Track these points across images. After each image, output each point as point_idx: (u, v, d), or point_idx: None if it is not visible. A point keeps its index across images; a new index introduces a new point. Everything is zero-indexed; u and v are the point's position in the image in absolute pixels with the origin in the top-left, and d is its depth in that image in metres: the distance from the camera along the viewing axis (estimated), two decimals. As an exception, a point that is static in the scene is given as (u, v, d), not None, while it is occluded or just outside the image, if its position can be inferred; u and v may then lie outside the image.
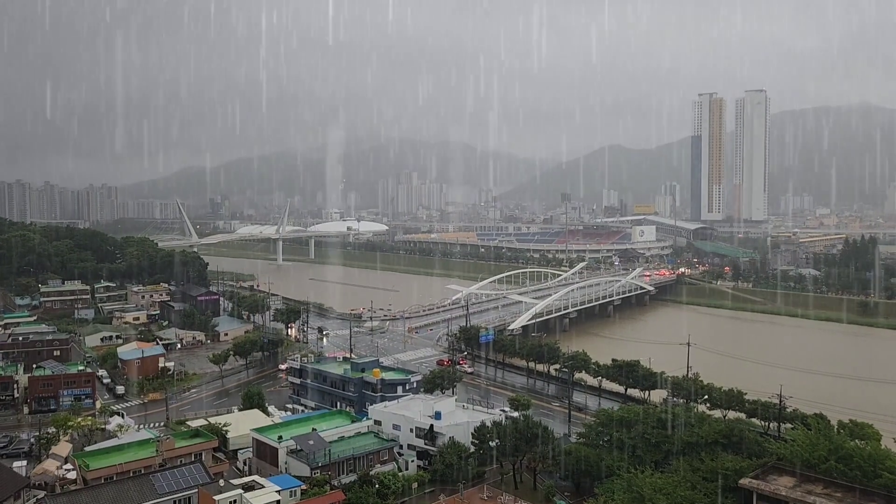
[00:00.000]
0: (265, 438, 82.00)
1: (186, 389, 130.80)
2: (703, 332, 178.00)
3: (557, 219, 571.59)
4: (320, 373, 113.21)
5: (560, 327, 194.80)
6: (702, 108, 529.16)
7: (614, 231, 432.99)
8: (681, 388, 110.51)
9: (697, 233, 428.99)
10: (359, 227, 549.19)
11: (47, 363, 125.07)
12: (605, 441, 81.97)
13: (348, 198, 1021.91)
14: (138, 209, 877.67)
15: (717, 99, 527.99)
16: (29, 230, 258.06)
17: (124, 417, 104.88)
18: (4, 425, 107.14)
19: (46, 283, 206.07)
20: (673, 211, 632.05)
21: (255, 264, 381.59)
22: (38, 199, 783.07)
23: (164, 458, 75.94)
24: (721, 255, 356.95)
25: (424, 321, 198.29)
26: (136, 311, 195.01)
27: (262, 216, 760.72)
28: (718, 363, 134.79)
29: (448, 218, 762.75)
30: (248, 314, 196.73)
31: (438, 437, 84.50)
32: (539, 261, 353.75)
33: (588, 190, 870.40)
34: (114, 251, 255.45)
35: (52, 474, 77.46)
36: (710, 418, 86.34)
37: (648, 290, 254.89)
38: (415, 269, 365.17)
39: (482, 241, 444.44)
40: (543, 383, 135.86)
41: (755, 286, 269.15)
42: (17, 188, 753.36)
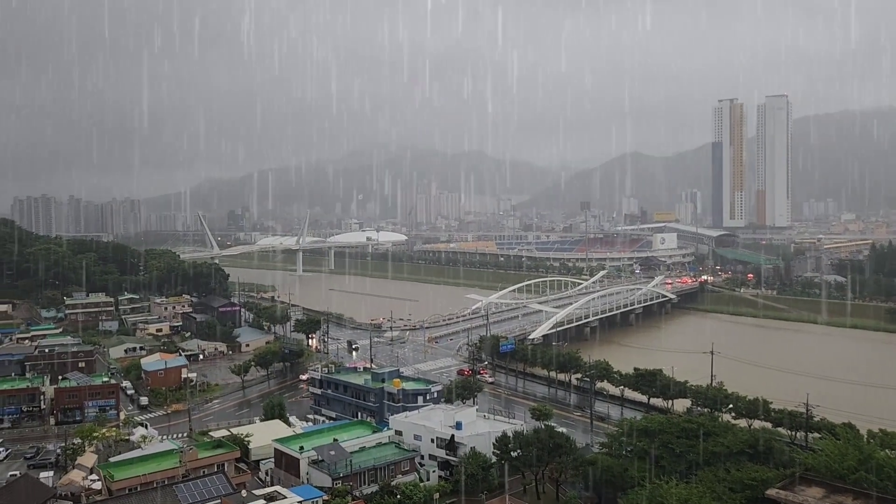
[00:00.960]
0: (287, 449, 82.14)
1: (209, 400, 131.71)
2: (727, 340, 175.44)
3: (577, 227, 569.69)
4: (341, 383, 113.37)
5: (581, 336, 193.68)
6: (722, 114, 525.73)
7: (635, 239, 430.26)
8: (705, 397, 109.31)
9: (720, 240, 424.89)
10: (378, 237, 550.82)
11: (73, 375, 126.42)
12: (628, 451, 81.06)
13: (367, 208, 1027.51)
14: (161, 222, 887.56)
15: (737, 105, 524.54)
16: (55, 244, 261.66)
17: (148, 428, 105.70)
18: (31, 436, 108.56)
19: (71, 296, 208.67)
20: (694, 218, 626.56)
21: (275, 275, 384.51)
22: (63, 213, 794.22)
23: (187, 468, 76.31)
24: (744, 263, 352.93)
25: (444, 331, 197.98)
26: (158, 323, 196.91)
27: (283, 227, 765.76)
28: (743, 372, 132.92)
29: (467, 227, 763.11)
30: (269, 325, 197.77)
31: (460, 448, 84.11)
32: (559, 269, 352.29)
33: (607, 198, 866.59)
34: (137, 263, 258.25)
35: (78, 485, 78.17)
36: (735, 428, 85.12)
37: (670, 299, 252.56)
38: (434, 279, 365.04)
39: (501, 251, 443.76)
40: (565, 393, 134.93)
41: (779, 293, 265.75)
42: (42, 203, 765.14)
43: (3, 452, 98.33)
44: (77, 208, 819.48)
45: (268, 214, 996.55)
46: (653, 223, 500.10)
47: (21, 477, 78.24)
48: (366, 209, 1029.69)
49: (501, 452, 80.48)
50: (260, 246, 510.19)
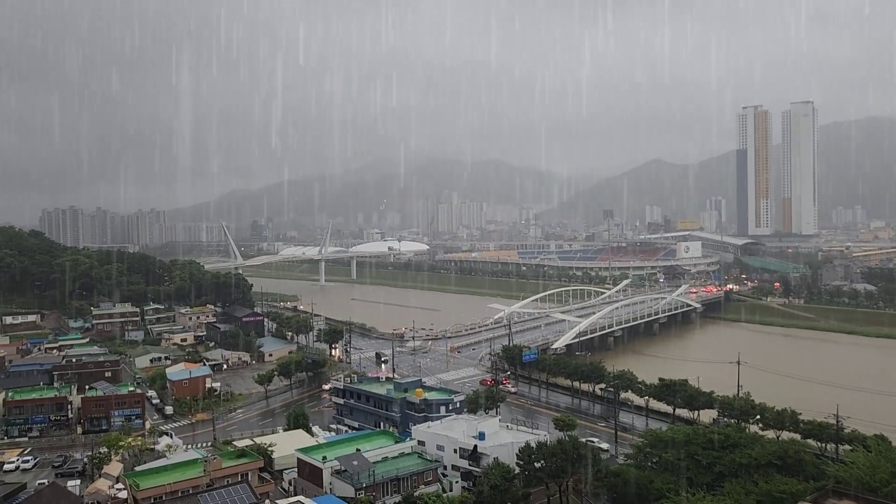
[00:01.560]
0: (310, 459, 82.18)
1: (232, 410, 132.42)
2: (754, 350, 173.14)
3: (600, 236, 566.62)
4: (363, 393, 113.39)
5: (604, 346, 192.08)
6: (746, 121, 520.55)
7: (658, 247, 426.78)
8: (731, 408, 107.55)
9: (745, 248, 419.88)
10: (400, 247, 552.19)
11: (99, 384, 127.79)
12: (653, 462, 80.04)
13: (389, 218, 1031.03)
14: (185, 232, 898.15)
15: (762, 112, 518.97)
16: (82, 254, 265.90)
17: (173, 437, 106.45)
18: (59, 445, 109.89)
19: (98, 306, 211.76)
20: (719, 226, 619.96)
21: (298, 285, 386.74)
22: (90, 224, 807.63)
23: (211, 478, 76.59)
24: (770, 271, 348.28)
25: (467, 340, 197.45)
26: (183, 333, 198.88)
27: (305, 237, 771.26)
28: (770, 382, 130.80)
29: (489, 237, 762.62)
30: (292, 335, 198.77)
31: (482, 458, 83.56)
32: (582, 279, 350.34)
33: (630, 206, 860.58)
34: (162, 274, 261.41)
35: (104, 494, 78.86)
36: (762, 439, 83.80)
37: (695, 308, 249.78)
38: (456, 289, 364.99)
39: (524, 260, 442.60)
40: (589, 403, 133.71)
41: (807, 302, 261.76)
42: (70, 214, 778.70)
43: (32, 461, 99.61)
44: (104, 220, 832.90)
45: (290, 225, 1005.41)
46: (677, 231, 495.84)
47: (49, 485, 79.06)
48: (387, 219, 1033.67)
49: (525, 463, 79.81)
50: (283, 256, 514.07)
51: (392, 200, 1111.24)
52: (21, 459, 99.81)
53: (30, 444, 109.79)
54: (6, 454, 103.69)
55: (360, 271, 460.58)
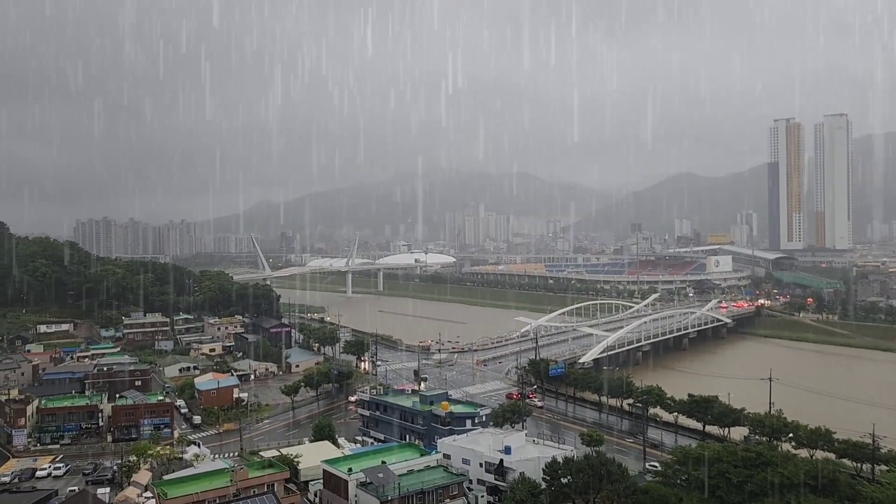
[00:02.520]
0: (335, 470, 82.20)
1: (259, 420, 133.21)
2: (786, 366, 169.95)
3: (628, 249, 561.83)
4: (389, 405, 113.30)
5: (632, 361, 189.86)
6: (778, 134, 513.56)
7: (688, 261, 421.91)
8: (763, 426, 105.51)
9: (777, 263, 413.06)
10: (426, 259, 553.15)
11: (129, 393, 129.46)
12: (683, 480, 78.65)
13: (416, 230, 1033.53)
14: (215, 244, 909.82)
15: (794, 124, 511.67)
16: (114, 265, 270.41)
17: (200, 447, 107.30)
18: (90, 452, 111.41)
19: (129, 316, 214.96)
20: (750, 240, 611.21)
21: (325, 296, 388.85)
22: (122, 235, 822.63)
23: (237, 487, 77.00)
24: (803, 286, 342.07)
25: (493, 354, 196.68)
26: (212, 343, 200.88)
27: (333, 249, 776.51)
28: (803, 399, 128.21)
29: (516, 249, 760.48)
30: (319, 346, 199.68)
31: (509, 473, 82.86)
32: (610, 292, 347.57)
33: (659, 219, 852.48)
34: (192, 284, 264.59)
35: (133, 501, 79.73)
36: (795, 458, 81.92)
37: (726, 323, 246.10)
38: (482, 301, 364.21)
39: (551, 273, 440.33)
40: (616, 418, 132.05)
41: (841, 319, 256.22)
42: (103, 225, 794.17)
43: (64, 468, 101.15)
44: (135, 231, 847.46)
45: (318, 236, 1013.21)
46: (707, 245, 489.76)
47: (80, 492, 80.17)
48: (414, 231, 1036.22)
49: (551, 479, 78.91)
50: (310, 267, 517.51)
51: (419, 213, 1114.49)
52: (53, 466, 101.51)
53: (61, 451, 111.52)
54: (39, 461, 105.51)
55: (387, 283, 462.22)
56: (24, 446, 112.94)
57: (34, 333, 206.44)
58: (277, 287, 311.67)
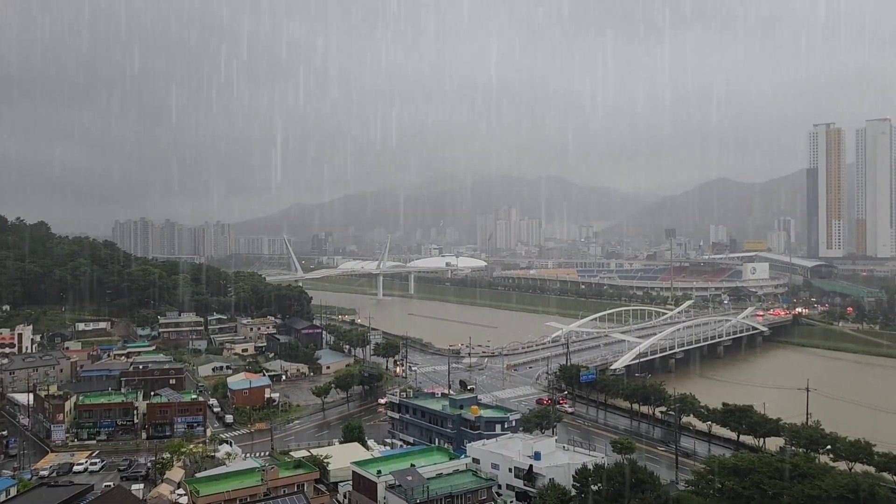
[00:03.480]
0: (364, 472, 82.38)
1: (290, 420, 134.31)
2: (824, 376, 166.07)
3: (661, 255, 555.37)
4: (419, 408, 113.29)
5: (665, 368, 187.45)
6: (818, 139, 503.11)
7: (723, 268, 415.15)
8: (800, 437, 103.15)
9: (815, 270, 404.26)
10: (457, 262, 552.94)
11: (164, 391, 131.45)
12: (716, 490, 77.23)
13: (447, 234, 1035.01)
14: (248, 245, 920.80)
15: (834, 129, 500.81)
16: (151, 265, 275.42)
17: (232, 446, 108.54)
18: (125, 449, 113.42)
19: (164, 315, 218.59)
20: (787, 247, 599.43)
21: (356, 299, 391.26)
22: (159, 235, 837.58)
23: (268, 487, 77.59)
24: (843, 295, 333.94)
25: (523, 359, 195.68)
26: (244, 343, 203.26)
27: (364, 252, 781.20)
28: (842, 411, 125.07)
29: (547, 254, 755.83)
30: (349, 348, 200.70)
31: (538, 479, 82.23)
32: (642, 298, 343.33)
33: (694, 225, 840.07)
34: (225, 285, 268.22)
35: (165, 499, 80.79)
36: (834, 471, 79.89)
37: (762, 331, 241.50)
38: (513, 306, 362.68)
39: (582, 278, 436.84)
40: (648, 426, 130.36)
41: (882, 328, 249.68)
42: (140, 225, 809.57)
43: (100, 463, 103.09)
44: (171, 231, 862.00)
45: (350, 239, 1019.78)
46: (742, 252, 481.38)
47: (115, 488, 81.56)
48: (445, 234, 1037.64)
49: (581, 486, 78.11)
50: (342, 270, 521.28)
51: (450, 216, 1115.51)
52: (89, 461, 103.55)
53: (98, 446, 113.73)
54: (76, 456, 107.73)
55: (418, 286, 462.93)
56: (62, 441, 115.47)
57: (73, 331, 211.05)
58: (309, 289, 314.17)
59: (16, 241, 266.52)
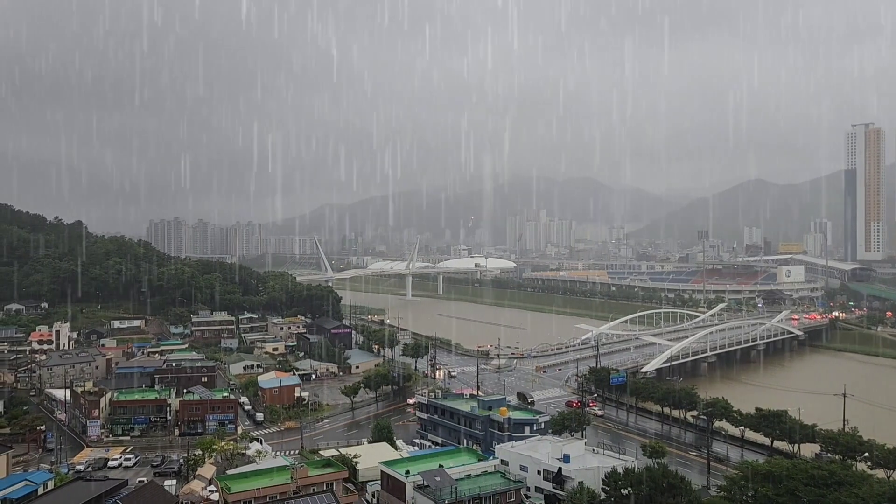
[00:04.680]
0: (393, 472, 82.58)
1: (319, 419, 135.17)
2: (861, 382, 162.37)
3: (694, 257, 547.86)
4: (447, 409, 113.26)
5: (697, 372, 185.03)
6: (856, 139, 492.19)
7: (757, 271, 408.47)
8: (836, 443, 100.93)
9: (853, 274, 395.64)
10: (486, 263, 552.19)
11: (196, 388, 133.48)
12: (749, 496, 75.87)
13: (476, 235, 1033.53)
14: (279, 245, 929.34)
15: (873, 129, 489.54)
16: (184, 264, 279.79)
17: (262, 444, 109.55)
18: (158, 445, 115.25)
19: (197, 314, 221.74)
20: (824, 250, 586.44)
21: (385, 299, 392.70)
22: (191, 235, 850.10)
23: (297, 485, 78.16)
24: (881, 299, 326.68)
25: (553, 360, 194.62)
26: (275, 342, 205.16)
27: (394, 252, 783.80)
28: (880, 417, 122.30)
29: (577, 255, 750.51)
30: (378, 348, 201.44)
31: (567, 481, 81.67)
32: (674, 301, 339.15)
33: (727, 227, 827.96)
34: (257, 285, 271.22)
35: (197, 494, 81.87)
36: (871, 478, 77.93)
37: (797, 335, 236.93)
38: (542, 307, 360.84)
39: (613, 280, 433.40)
40: (679, 430, 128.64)
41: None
42: (174, 225, 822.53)
43: (133, 459, 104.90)
44: (204, 231, 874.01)
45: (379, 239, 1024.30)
46: (777, 254, 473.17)
47: (148, 483, 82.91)
48: (475, 235, 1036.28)
49: (611, 489, 77.36)
50: (371, 270, 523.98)
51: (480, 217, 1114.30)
52: (124, 457, 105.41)
53: (132, 442, 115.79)
54: (111, 451, 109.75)
55: (447, 287, 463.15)
56: (97, 436, 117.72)
57: (108, 329, 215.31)
58: (339, 289, 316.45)
59: (54, 240, 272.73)
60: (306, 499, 71.63)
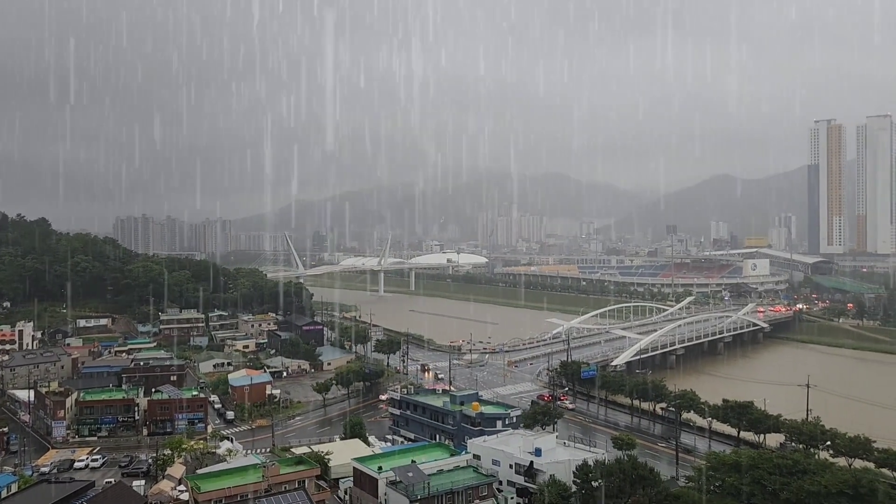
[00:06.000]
0: (365, 468, 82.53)
1: (291, 417, 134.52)
2: (824, 373, 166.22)
3: (662, 252, 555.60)
4: (420, 404, 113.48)
5: (666, 364, 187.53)
6: (818, 135, 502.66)
7: (724, 264, 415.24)
8: (800, 433, 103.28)
9: (816, 267, 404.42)
10: (458, 259, 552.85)
11: (165, 388, 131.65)
12: (716, 486, 77.34)
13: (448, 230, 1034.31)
14: (250, 242, 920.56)
15: (835, 125, 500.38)
16: (152, 261, 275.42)
17: (233, 442, 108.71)
18: (126, 445, 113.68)
19: (166, 312, 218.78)
20: (788, 244, 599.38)
21: (357, 295, 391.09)
22: (160, 232, 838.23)
23: (269, 483, 77.75)
24: (843, 291, 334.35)
25: (524, 355, 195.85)
26: (245, 340, 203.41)
27: (365, 248, 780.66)
28: (842, 407, 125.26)
29: (548, 250, 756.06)
30: (351, 344, 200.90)
31: (539, 475, 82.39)
32: (643, 295, 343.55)
33: (695, 222, 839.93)
34: (226, 281, 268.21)
35: (167, 495, 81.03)
36: (833, 466, 79.94)
37: (762, 328, 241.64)
38: (514, 302, 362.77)
39: (583, 275, 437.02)
40: (649, 422, 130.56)
41: (883, 325, 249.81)
42: (142, 222, 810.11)
43: (101, 459, 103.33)
44: (173, 228, 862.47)
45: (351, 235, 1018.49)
46: (743, 248, 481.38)
47: (115, 485, 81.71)
48: (447, 231, 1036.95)
49: (582, 482, 78.22)
50: (343, 266, 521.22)
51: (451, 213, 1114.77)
52: (90, 458, 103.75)
53: (99, 443, 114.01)
54: (77, 452, 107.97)
55: (419, 283, 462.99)
56: (63, 438, 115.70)
57: (74, 328, 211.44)
58: (310, 285, 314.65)
59: (16, 237, 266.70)
60: (278, 497, 71.25)
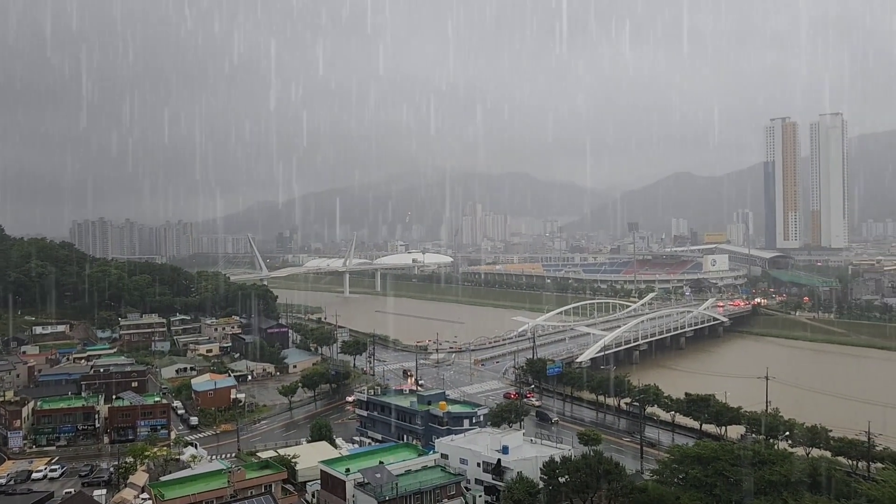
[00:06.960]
0: (333, 471, 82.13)
1: (257, 421, 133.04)
2: (782, 365, 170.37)
3: (625, 249, 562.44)
4: (387, 405, 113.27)
5: (630, 360, 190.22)
6: (774, 133, 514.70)
7: (685, 260, 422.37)
8: (759, 424, 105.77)
9: (773, 261, 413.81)
10: (424, 259, 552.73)
11: (126, 394, 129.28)
12: (680, 478, 78.75)
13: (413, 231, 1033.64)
14: (212, 244, 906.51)
15: (789, 123, 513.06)
16: (109, 266, 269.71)
17: (197, 448, 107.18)
18: (86, 454, 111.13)
19: (126, 317, 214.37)
20: (746, 239, 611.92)
21: (323, 297, 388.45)
22: (118, 235, 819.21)
23: (235, 489, 76.88)
24: (799, 285, 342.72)
25: (490, 353, 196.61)
26: (209, 344, 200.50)
27: (330, 249, 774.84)
28: (799, 398, 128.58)
29: (513, 249, 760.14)
30: (316, 346, 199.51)
31: (506, 472, 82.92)
32: (607, 292, 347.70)
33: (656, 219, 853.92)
34: (188, 285, 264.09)
35: (129, 503, 79.51)
36: (792, 456, 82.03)
37: (722, 322, 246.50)
38: (480, 301, 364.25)
39: (548, 273, 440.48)
40: (613, 418, 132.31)
41: (837, 317, 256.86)
42: (99, 226, 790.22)
43: (59, 470, 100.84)
44: (131, 231, 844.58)
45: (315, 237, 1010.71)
46: (703, 244, 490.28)
47: (76, 494, 79.94)
48: (412, 231, 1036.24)
49: (549, 478, 78.94)
50: (307, 268, 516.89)
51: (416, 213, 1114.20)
52: (49, 468, 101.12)
53: (57, 452, 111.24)
54: (34, 463, 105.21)
55: (385, 283, 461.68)
56: (19, 448, 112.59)
57: (30, 335, 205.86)
58: (275, 287, 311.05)
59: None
60: (244, 502, 70.62)
